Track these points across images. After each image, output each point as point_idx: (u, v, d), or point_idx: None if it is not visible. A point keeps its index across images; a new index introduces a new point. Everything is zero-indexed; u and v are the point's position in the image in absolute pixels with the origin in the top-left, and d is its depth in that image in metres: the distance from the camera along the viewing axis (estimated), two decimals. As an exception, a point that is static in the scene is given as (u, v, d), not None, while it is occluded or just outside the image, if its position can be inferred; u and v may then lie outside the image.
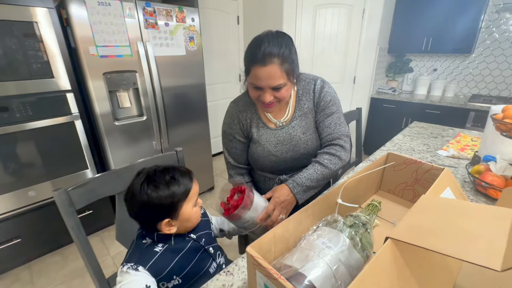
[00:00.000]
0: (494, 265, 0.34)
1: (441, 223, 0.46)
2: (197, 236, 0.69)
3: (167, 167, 0.63)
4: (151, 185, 0.59)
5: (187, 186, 0.63)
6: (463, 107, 2.37)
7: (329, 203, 0.65)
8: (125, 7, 1.54)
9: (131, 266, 0.57)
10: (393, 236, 0.44)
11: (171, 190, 0.60)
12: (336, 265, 0.48)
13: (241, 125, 0.88)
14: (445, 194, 0.62)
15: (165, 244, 0.64)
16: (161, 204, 0.59)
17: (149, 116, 1.84)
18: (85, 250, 0.74)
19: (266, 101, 0.75)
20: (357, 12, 2.56)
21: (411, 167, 0.78)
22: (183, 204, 0.62)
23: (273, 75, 0.69)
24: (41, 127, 1.48)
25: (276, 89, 0.73)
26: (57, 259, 1.70)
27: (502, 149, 0.96)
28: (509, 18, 2.38)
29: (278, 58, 0.69)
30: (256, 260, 0.41)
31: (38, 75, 1.42)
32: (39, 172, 1.55)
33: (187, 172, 0.66)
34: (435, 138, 1.44)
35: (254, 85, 0.74)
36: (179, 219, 0.63)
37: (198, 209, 0.68)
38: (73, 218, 0.72)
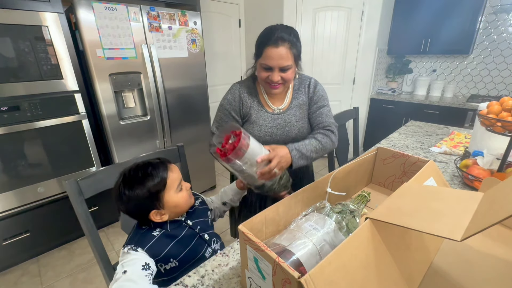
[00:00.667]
0: (455, 237, 0.39)
1: (416, 205, 0.50)
2: (193, 223, 0.73)
3: (140, 164, 0.67)
4: (127, 185, 0.63)
5: (162, 176, 0.66)
6: (462, 107, 2.40)
7: (318, 191, 0.69)
8: (130, 12, 1.62)
9: (131, 247, 0.62)
10: (371, 216, 0.49)
11: (146, 185, 0.63)
12: (321, 244, 0.53)
13: (240, 104, 0.94)
14: (428, 183, 0.67)
15: (162, 229, 0.68)
16: (141, 199, 0.63)
17: (153, 116, 1.91)
18: (93, 236, 0.80)
19: (275, 80, 0.83)
20: (356, 15, 2.61)
21: (399, 160, 0.82)
22: (164, 194, 0.65)
23: (284, 56, 0.80)
24: (50, 125, 1.55)
25: (283, 70, 0.83)
26: (64, 253, 1.76)
27: (490, 144, 1.00)
28: (506, 19, 2.41)
29: (288, 42, 0.80)
30: (247, 235, 0.46)
31: (48, 76, 1.49)
32: (47, 169, 1.62)
33: (161, 163, 0.68)
34: (430, 136, 1.47)
35: (265, 65, 0.83)
36: (166, 207, 0.66)
37: (184, 194, 0.70)
38: (82, 206, 0.77)
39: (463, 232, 0.39)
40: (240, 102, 0.95)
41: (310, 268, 0.49)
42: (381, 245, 0.48)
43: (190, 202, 0.73)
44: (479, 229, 0.33)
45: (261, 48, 0.82)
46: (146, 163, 0.67)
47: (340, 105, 2.99)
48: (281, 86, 0.88)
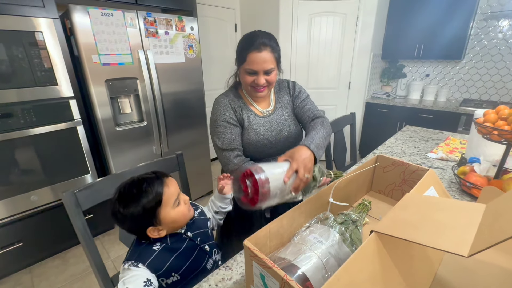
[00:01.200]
0: (462, 252, 0.39)
1: (420, 217, 0.50)
2: (193, 235, 0.72)
3: (135, 180, 0.64)
4: (122, 203, 0.61)
5: (157, 193, 0.63)
6: (455, 111, 2.44)
7: (321, 202, 0.69)
8: (127, 17, 1.60)
9: (132, 263, 0.61)
10: (377, 229, 0.49)
11: (141, 202, 0.61)
12: (326, 258, 0.53)
13: (234, 111, 0.95)
14: (429, 192, 0.67)
15: (162, 243, 0.66)
16: (136, 217, 0.61)
17: (149, 122, 1.89)
18: (90, 249, 0.78)
19: (260, 83, 0.87)
20: (351, 20, 2.64)
21: (398, 168, 0.82)
22: (160, 210, 0.63)
23: (267, 59, 0.84)
24: (44, 132, 1.52)
25: (267, 73, 0.87)
26: (58, 263, 1.72)
27: (486, 151, 1.02)
28: (496, 25, 2.47)
29: (270, 47, 0.85)
30: (253, 251, 0.46)
31: (42, 82, 1.47)
32: (41, 177, 1.58)
33: (157, 178, 0.66)
34: (426, 142, 1.49)
35: (249, 70, 0.86)
36: (163, 223, 0.64)
37: (182, 208, 0.67)
38: (80, 219, 0.76)
39: (469, 247, 0.39)
40: (233, 109, 0.96)
41: (316, 282, 0.49)
42: (387, 258, 0.48)
43: (188, 216, 0.70)
44: (486, 246, 0.34)
45: (244, 53, 0.85)
46: (141, 179, 0.64)
47: (336, 109, 3.01)
48: (266, 89, 0.92)
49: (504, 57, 2.50)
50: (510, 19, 2.39)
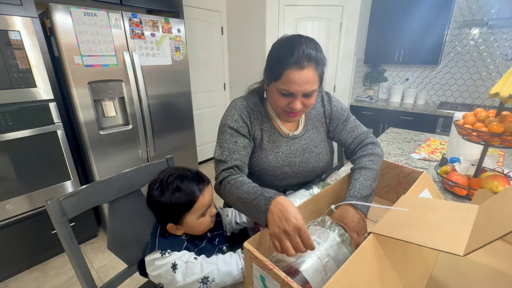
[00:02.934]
0: (457, 251, 0.40)
1: (416, 219, 0.52)
2: (211, 235, 0.72)
3: (182, 174, 0.64)
4: (159, 189, 0.61)
5: (192, 198, 0.61)
6: (433, 114, 2.57)
7: (319, 205, 0.70)
8: (111, 18, 1.56)
9: (169, 251, 0.60)
10: (374, 231, 0.50)
11: (174, 199, 0.60)
12: (326, 259, 0.53)
13: (250, 121, 0.78)
14: (423, 194, 0.69)
15: (186, 235, 0.66)
16: (164, 209, 0.62)
17: (135, 125, 1.84)
18: (77, 259, 0.74)
19: (297, 109, 0.68)
20: (335, 26, 2.72)
21: (394, 170, 0.84)
22: (186, 215, 0.62)
23: (310, 80, 0.65)
24: (21, 137, 1.44)
25: (307, 96, 0.68)
26: (36, 275, 1.62)
27: (465, 151, 1.08)
28: (468, 33, 2.64)
29: (315, 62, 0.65)
30: (253, 253, 0.45)
31: (19, 84, 1.39)
32: (18, 184, 1.49)
33: (198, 182, 0.63)
34: (408, 143, 1.56)
35: (285, 91, 0.67)
36: (184, 226, 0.64)
37: (206, 219, 0.66)
38: (66, 228, 0.72)
39: (464, 246, 0.40)
40: (249, 119, 0.77)
41: (315, 284, 0.49)
42: (385, 260, 0.49)
43: (208, 227, 0.69)
44: (481, 244, 0.35)
45: (280, 69, 0.65)
46: (185, 175, 0.63)
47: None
48: (301, 114, 0.74)
49: (476, 63, 2.67)
50: (481, 27, 2.56)
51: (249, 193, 0.62)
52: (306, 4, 2.64)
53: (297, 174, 0.84)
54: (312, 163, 0.84)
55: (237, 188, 0.66)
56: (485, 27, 2.53)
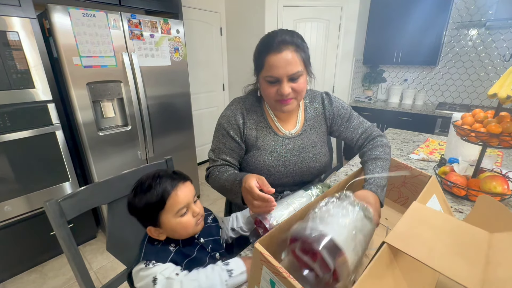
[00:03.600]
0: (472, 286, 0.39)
1: (432, 236, 0.49)
2: (205, 242, 0.69)
3: (156, 174, 0.62)
4: (133, 192, 0.61)
5: (162, 195, 0.58)
6: (432, 114, 2.58)
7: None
8: (110, 19, 1.56)
9: (154, 262, 0.58)
10: (389, 241, 0.48)
11: (145, 199, 0.59)
12: (354, 231, 0.50)
13: (243, 123, 0.80)
14: (432, 200, 0.67)
15: (176, 245, 0.64)
16: (138, 211, 0.60)
17: (134, 126, 1.83)
18: (76, 261, 0.74)
19: (285, 93, 0.69)
20: (334, 26, 2.73)
21: (401, 171, 0.81)
22: (161, 214, 0.59)
23: (290, 61, 0.67)
24: (20, 138, 1.43)
25: (293, 79, 0.70)
26: (35, 277, 1.61)
27: (463, 152, 1.09)
28: (466, 34, 2.65)
29: (292, 45, 0.68)
30: (265, 257, 0.44)
31: (17, 85, 1.38)
32: (16, 186, 1.48)
33: (171, 179, 0.61)
34: (407, 143, 1.56)
35: (270, 77, 0.70)
36: (163, 228, 0.61)
37: (187, 220, 0.61)
38: (64, 229, 0.72)
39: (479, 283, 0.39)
40: (242, 121, 0.80)
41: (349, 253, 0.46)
42: (397, 270, 0.48)
43: (193, 230, 0.64)
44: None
45: (262, 58, 0.70)
46: (157, 175, 0.61)
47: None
48: (294, 101, 0.74)
49: (474, 64, 2.68)
50: (478, 28, 2.58)
51: (228, 180, 0.74)
52: (305, 5, 2.65)
53: (292, 174, 0.84)
54: (308, 163, 0.84)
55: (220, 178, 0.78)
56: (483, 28, 2.55)
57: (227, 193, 0.79)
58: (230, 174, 0.76)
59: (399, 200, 0.84)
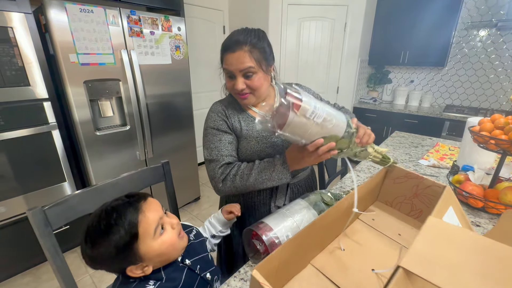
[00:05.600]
0: None
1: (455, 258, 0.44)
2: (192, 262, 0.61)
3: (103, 210, 0.52)
4: (89, 243, 0.50)
5: (130, 224, 0.50)
6: (439, 117, 2.51)
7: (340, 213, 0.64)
8: (108, 15, 1.51)
9: None
10: (406, 266, 0.42)
11: (111, 241, 0.48)
12: None
13: (227, 118, 0.85)
14: (449, 213, 0.61)
15: (156, 281, 0.54)
16: (109, 259, 0.50)
17: (133, 126, 1.78)
18: (62, 273, 0.69)
19: (238, 88, 0.76)
20: (339, 26, 2.66)
21: (412, 181, 0.75)
22: (138, 245, 0.50)
23: (241, 60, 0.73)
24: (14, 137, 1.39)
25: (247, 77, 0.76)
26: (29, 280, 1.57)
27: (479, 159, 1.02)
28: (476, 35, 2.57)
29: (246, 45, 0.73)
30: (263, 287, 0.39)
31: (12, 82, 1.34)
32: (11, 186, 1.44)
33: (129, 204, 0.53)
34: (416, 148, 1.50)
35: (227, 71, 0.77)
36: (146, 259, 0.52)
37: (169, 236, 0.55)
38: (50, 239, 0.67)
39: None
40: (225, 115, 0.84)
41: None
42: None
43: (180, 244, 0.57)
44: None
45: (222, 56, 0.77)
46: (110, 208, 0.52)
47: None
48: (251, 96, 0.79)
49: (484, 65, 2.60)
50: (489, 29, 2.50)
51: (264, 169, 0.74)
52: (310, 3, 2.58)
53: (281, 150, 0.86)
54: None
55: (248, 174, 0.75)
56: (494, 28, 2.47)
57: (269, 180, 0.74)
58: (259, 165, 0.75)
59: (412, 213, 0.77)
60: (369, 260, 0.59)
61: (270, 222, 0.63)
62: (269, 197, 0.90)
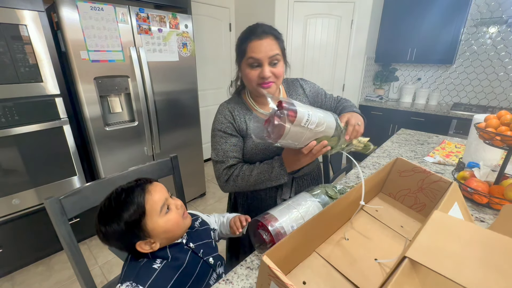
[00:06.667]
0: None
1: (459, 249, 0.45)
2: (195, 246, 0.66)
3: (114, 192, 0.59)
4: (102, 221, 0.56)
5: (138, 203, 0.56)
6: (446, 115, 2.48)
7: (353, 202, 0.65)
8: (118, 12, 1.54)
9: (130, 285, 0.54)
10: (412, 256, 0.43)
11: (122, 218, 0.54)
12: None
13: (233, 120, 0.86)
14: (454, 209, 0.62)
15: (163, 260, 0.59)
16: (120, 234, 0.55)
17: (141, 122, 1.82)
18: (76, 260, 0.72)
19: (266, 75, 0.76)
20: (346, 23, 2.65)
21: (418, 175, 0.75)
22: (145, 221, 0.56)
23: (270, 47, 0.75)
24: (27, 132, 1.44)
25: (273, 64, 0.77)
26: (42, 269, 1.63)
27: (485, 156, 1.02)
28: (485, 31, 2.53)
29: (272, 35, 0.77)
30: (274, 272, 0.41)
31: (25, 79, 1.38)
32: (24, 179, 1.49)
33: (137, 186, 0.59)
34: (422, 145, 1.50)
35: (252, 60, 0.76)
36: (153, 235, 0.57)
37: (173, 215, 0.60)
38: (65, 227, 0.70)
39: None
40: (232, 118, 0.86)
41: None
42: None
43: (183, 223, 0.62)
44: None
45: (244, 44, 0.77)
46: (120, 190, 0.58)
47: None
48: (274, 85, 0.81)
49: (493, 63, 2.56)
50: (499, 25, 2.45)
51: (263, 171, 0.80)
52: (317, 0, 2.57)
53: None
54: None
55: (249, 175, 0.80)
56: (504, 25, 2.42)
57: (267, 181, 0.81)
58: (258, 167, 0.81)
59: (415, 206, 0.79)
60: (372, 250, 0.61)
61: (276, 213, 0.66)
62: (275, 190, 0.92)
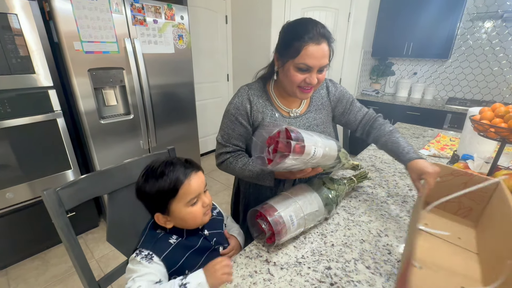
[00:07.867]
0: None
1: None
2: (209, 234, 0.68)
3: (169, 161, 0.61)
4: (144, 177, 0.59)
5: (175, 183, 0.57)
6: (441, 109, 2.51)
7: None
8: (112, 2, 1.50)
9: (146, 256, 0.56)
10: None
11: (157, 185, 0.57)
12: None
13: (249, 108, 0.83)
14: None
15: (178, 237, 0.62)
16: (148, 197, 0.59)
17: (137, 115, 1.80)
18: (75, 252, 0.72)
19: (313, 83, 0.73)
20: (343, 16, 2.64)
21: (459, 179, 0.72)
22: (172, 202, 0.58)
23: (324, 53, 0.71)
24: (20, 125, 1.41)
25: (321, 71, 0.75)
26: (37, 264, 1.62)
27: (479, 148, 1.04)
28: (481, 26, 2.55)
29: (327, 40, 0.72)
30: None
31: (17, 70, 1.35)
32: (17, 173, 1.47)
33: (184, 167, 0.60)
34: (417, 138, 1.51)
35: (304, 65, 0.71)
36: (172, 216, 0.60)
37: (197, 210, 0.60)
38: (63, 219, 0.69)
39: None
40: (249, 106, 0.83)
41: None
42: None
43: (201, 220, 0.63)
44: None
45: (299, 46, 0.70)
46: (170, 162, 0.60)
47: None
48: (312, 90, 0.78)
49: (488, 57, 2.58)
50: (495, 20, 2.47)
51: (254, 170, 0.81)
52: (314, -8, 2.55)
53: None
54: None
55: (241, 169, 0.83)
56: (500, 20, 2.44)
57: (253, 179, 0.83)
58: (252, 165, 0.82)
59: (460, 212, 0.74)
60: (450, 276, 0.55)
61: (275, 203, 0.66)
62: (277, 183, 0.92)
